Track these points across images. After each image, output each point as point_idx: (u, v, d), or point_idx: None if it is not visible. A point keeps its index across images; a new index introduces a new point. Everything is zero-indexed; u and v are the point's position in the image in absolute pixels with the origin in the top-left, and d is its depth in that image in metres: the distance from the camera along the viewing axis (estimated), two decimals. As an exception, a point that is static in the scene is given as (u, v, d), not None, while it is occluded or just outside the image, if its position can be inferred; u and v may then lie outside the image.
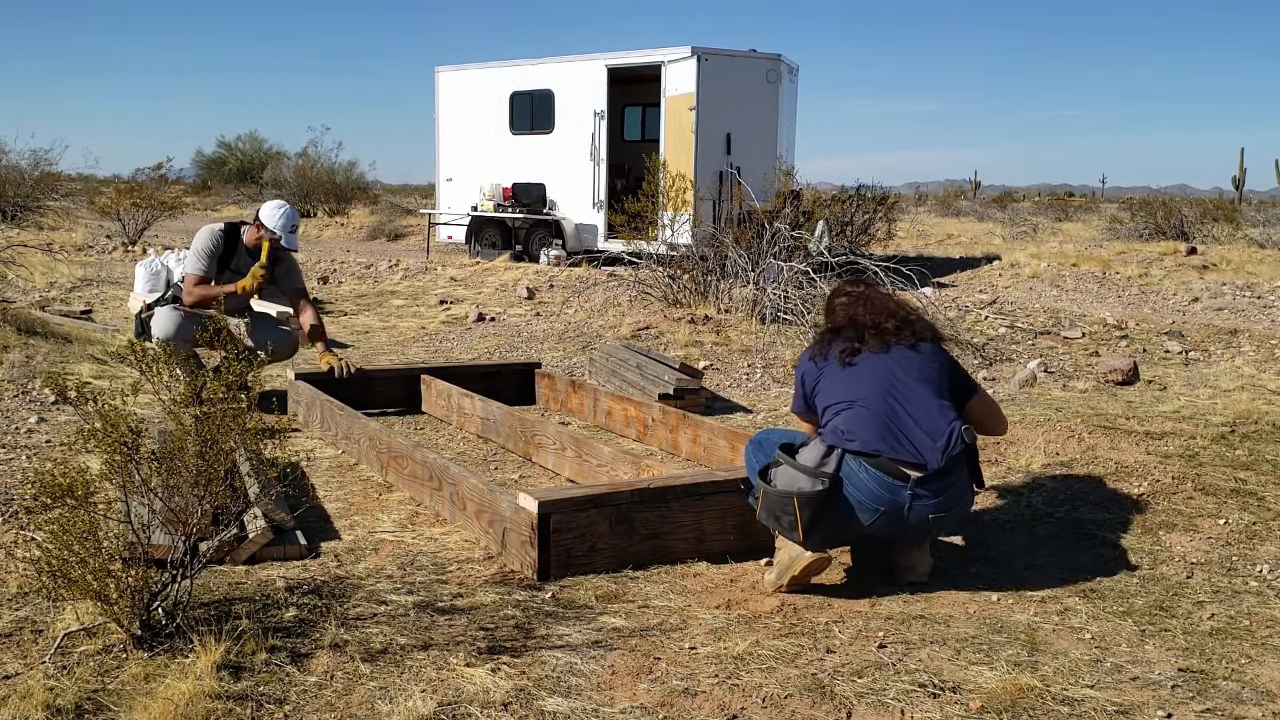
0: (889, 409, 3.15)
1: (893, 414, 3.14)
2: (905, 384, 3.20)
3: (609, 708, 2.35)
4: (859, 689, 2.45)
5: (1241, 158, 24.50)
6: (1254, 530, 3.63)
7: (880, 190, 13.77)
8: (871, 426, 3.12)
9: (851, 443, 3.11)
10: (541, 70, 14.84)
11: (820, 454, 3.12)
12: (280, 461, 3.54)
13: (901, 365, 3.24)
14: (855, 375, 3.25)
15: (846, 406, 3.19)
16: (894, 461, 3.07)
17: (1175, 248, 13.76)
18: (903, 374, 3.22)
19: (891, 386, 3.19)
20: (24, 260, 10.83)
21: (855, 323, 3.38)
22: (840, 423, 3.17)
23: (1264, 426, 5.02)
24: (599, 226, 14.03)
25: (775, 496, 3.05)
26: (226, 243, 5.48)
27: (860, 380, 3.23)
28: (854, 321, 3.39)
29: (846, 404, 3.19)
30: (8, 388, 5.35)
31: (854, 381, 3.23)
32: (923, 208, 29.92)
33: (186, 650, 2.50)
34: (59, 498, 2.50)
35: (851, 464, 3.09)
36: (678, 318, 7.86)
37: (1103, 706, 2.39)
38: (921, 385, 3.21)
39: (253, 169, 35.67)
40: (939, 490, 3.09)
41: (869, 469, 3.07)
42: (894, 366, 3.24)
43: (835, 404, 3.23)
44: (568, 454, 4.40)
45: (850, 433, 3.13)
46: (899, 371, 3.22)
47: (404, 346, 8.03)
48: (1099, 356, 7.11)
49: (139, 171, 18.53)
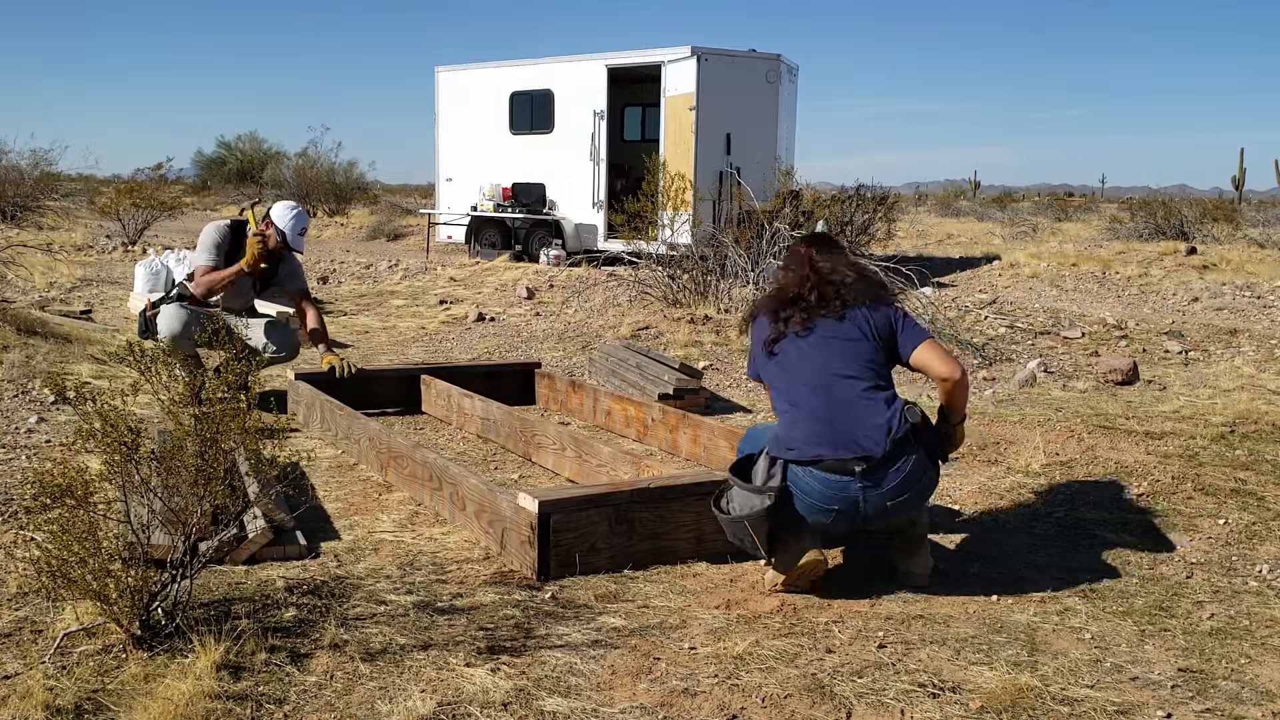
0: (822, 406, 3.05)
1: (827, 410, 3.04)
2: (836, 371, 3.08)
3: (609, 708, 2.35)
4: (859, 689, 2.45)
5: (1241, 158, 24.52)
6: (1254, 530, 3.63)
7: (880, 190, 13.76)
8: (808, 431, 3.05)
9: (790, 452, 3.06)
10: (541, 70, 14.84)
11: (765, 468, 3.10)
12: (280, 461, 3.53)
13: (829, 349, 3.12)
14: (787, 367, 3.16)
15: (786, 408, 3.14)
16: (837, 460, 3.00)
17: (1175, 248, 13.76)
18: (834, 359, 3.10)
19: (822, 379, 3.08)
20: (24, 260, 10.83)
21: (781, 293, 3.27)
22: (781, 429, 3.13)
23: (1264, 426, 5.02)
24: (599, 226, 14.03)
25: (729, 523, 3.08)
26: (233, 238, 5.51)
27: (792, 375, 3.14)
28: (781, 292, 3.28)
29: (786, 405, 3.14)
30: (8, 388, 5.35)
31: (787, 376, 3.15)
32: (923, 208, 29.93)
33: (186, 650, 2.50)
34: (59, 498, 2.50)
35: (796, 470, 3.04)
36: (677, 318, 7.87)
37: (1103, 706, 2.39)
38: (853, 367, 3.08)
39: (253, 169, 35.65)
40: (891, 477, 3.00)
41: (813, 472, 3.02)
42: (822, 353, 3.11)
43: (777, 404, 3.19)
44: (568, 454, 4.40)
45: (789, 441, 3.07)
46: (828, 358, 3.10)
47: (404, 346, 8.03)
48: (1099, 356, 7.11)
49: (139, 171, 18.55)
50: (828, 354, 3.12)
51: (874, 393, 3.06)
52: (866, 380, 3.08)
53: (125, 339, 5.42)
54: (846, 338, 3.13)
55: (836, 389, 3.06)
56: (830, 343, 3.13)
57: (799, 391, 3.11)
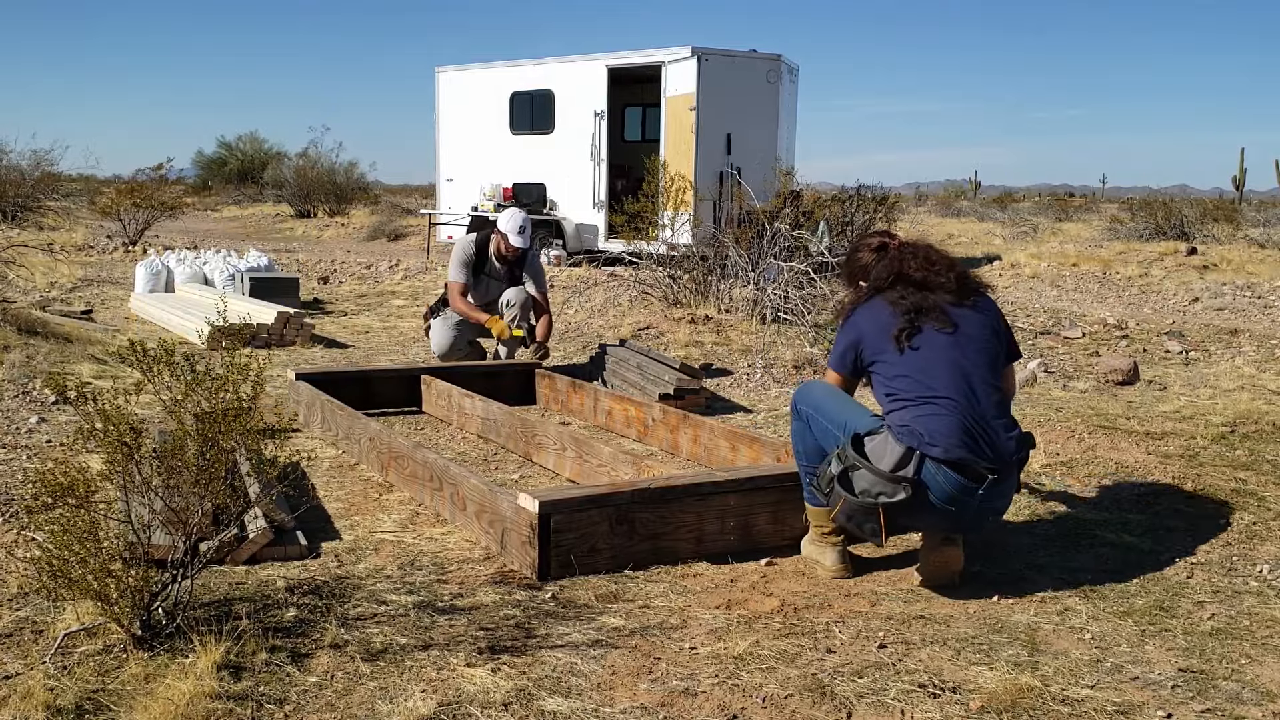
0: (967, 406, 3.00)
1: (971, 411, 3.00)
2: (977, 369, 3.05)
3: (609, 708, 2.35)
4: (859, 689, 2.45)
5: (1241, 158, 24.51)
6: (1254, 530, 3.63)
7: (880, 190, 13.77)
8: (952, 428, 2.96)
9: (933, 449, 2.96)
10: (541, 70, 14.85)
11: (898, 456, 2.98)
12: (281, 461, 3.54)
13: (970, 344, 3.08)
14: (925, 359, 3.07)
15: (921, 400, 3.03)
16: (975, 464, 2.96)
17: (1175, 248, 13.75)
18: (975, 355, 3.07)
19: (965, 377, 3.03)
20: (24, 260, 10.84)
21: (905, 278, 3.16)
22: (916, 422, 2.99)
23: (1264, 426, 5.02)
24: (599, 226, 14.04)
25: (859, 506, 2.98)
26: (478, 252, 6.39)
27: (932, 367, 3.05)
28: (903, 277, 3.17)
29: (920, 398, 3.03)
30: (8, 388, 5.35)
31: (925, 367, 3.06)
32: (923, 208, 29.91)
33: (187, 650, 2.50)
34: (59, 498, 2.50)
35: (930, 468, 2.96)
36: (678, 318, 7.87)
37: (1103, 706, 2.39)
38: (989, 369, 3.07)
39: (253, 169, 35.67)
40: (1005, 490, 3.05)
41: (948, 472, 2.96)
42: (964, 347, 3.07)
43: (905, 392, 3.06)
44: (568, 454, 4.40)
45: (931, 436, 2.96)
46: (970, 352, 3.07)
47: (404, 346, 8.03)
48: (1099, 356, 7.11)
49: (139, 172, 18.55)
50: (973, 345, 3.09)
51: (1006, 407, 3.08)
52: (999, 387, 3.10)
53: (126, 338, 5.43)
54: (982, 328, 3.13)
55: (980, 389, 3.04)
56: (971, 334, 3.11)
57: (944, 384, 3.02)
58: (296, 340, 7.86)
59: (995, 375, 3.11)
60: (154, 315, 8.98)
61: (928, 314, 3.12)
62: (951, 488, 2.97)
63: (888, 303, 3.19)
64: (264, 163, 34.73)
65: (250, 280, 9.71)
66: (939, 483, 2.97)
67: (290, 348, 7.73)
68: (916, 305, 3.14)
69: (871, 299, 3.25)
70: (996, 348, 3.16)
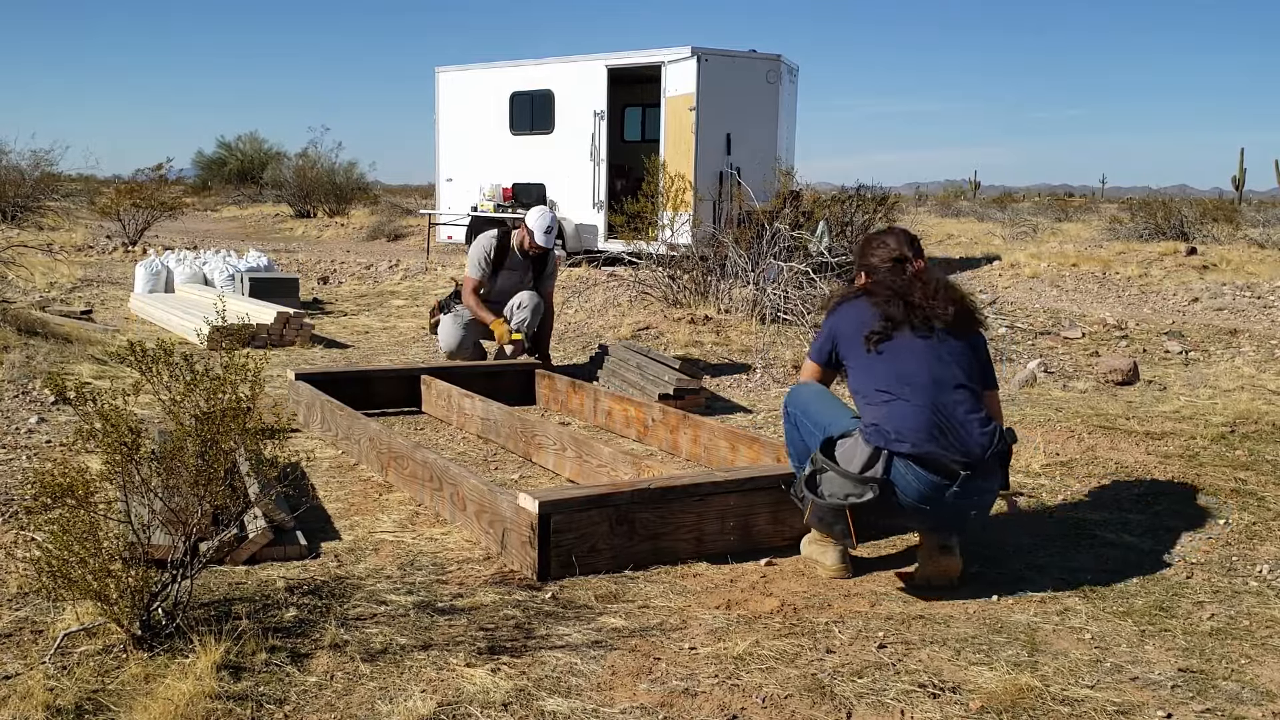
0: (936, 402, 3.02)
1: (939, 406, 3.01)
2: (949, 371, 3.08)
3: (609, 708, 2.35)
4: (859, 689, 2.45)
5: (1241, 158, 24.52)
6: (1254, 530, 3.63)
7: (880, 190, 13.75)
8: (920, 424, 2.99)
9: (901, 445, 2.98)
10: (541, 70, 14.84)
11: (866, 457, 3.00)
12: (280, 462, 3.54)
13: (945, 350, 3.11)
14: (898, 359, 3.10)
15: (892, 398, 3.05)
16: (944, 459, 2.97)
17: (1175, 248, 13.75)
18: (949, 359, 3.10)
19: (936, 377, 3.06)
20: (24, 260, 10.84)
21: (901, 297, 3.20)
22: (884, 420, 3.02)
23: (1264, 426, 5.02)
24: (599, 227, 14.03)
25: (827, 508, 2.99)
26: (499, 246, 6.47)
27: (904, 366, 3.08)
28: (900, 296, 3.19)
29: (891, 395, 3.05)
30: (8, 388, 5.35)
31: (897, 366, 3.09)
32: (923, 208, 29.91)
33: (186, 650, 2.50)
34: (59, 498, 2.50)
35: (899, 466, 2.98)
36: (678, 318, 7.87)
37: (1103, 706, 2.39)
38: (965, 375, 3.10)
39: (253, 169, 35.66)
40: (979, 487, 3.05)
41: (917, 470, 2.97)
42: (939, 351, 3.10)
43: (873, 390, 3.09)
44: (568, 454, 4.40)
45: (898, 434, 2.99)
46: (944, 355, 3.10)
47: (404, 347, 8.03)
48: (1099, 357, 7.11)
49: (139, 172, 18.52)
50: (950, 351, 3.12)
51: (978, 405, 3.09)
52: (974, 391, 3.11)
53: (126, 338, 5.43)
54: (961, 348, 3.15)
55: (950, 385, 3.06)
56: (952, 346, 3.14)
57: (914, 380, 3.05)
58: (296, 340, 7.86)
59: (970, 380, 3.12)
60: (153, 315, 8.98)
61: (908, 324, 3.16)
62: (922, 486, 2.99)
63: (872, 304, 3.23)
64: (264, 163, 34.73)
65: (250, 280, 9.72)
66: (909, 481, 2.99)
67: (290, 348, 7.73)
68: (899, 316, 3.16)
69: (859, 298, 3.30)
70: (974, 363, 3.18)
